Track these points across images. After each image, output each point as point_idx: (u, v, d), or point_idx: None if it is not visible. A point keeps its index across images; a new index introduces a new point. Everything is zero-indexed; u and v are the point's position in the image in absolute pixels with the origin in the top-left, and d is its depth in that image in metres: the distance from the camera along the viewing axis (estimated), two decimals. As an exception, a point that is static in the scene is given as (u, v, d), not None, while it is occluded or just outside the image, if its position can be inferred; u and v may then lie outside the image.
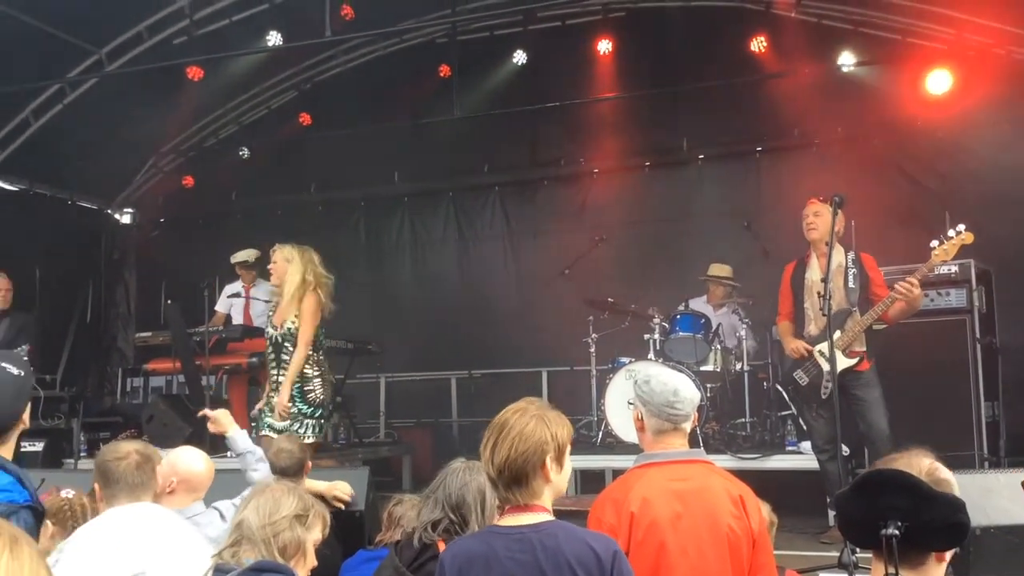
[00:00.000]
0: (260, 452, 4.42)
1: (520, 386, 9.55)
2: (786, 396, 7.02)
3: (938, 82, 8.21)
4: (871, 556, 2.05)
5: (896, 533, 1.89)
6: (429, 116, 9.90)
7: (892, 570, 1.89)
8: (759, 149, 9.62)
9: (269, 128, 11.09)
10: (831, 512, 5.99)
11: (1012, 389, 7.31)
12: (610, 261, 9.22)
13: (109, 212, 11.68)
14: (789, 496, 5.92)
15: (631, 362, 7.42)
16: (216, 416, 4.51)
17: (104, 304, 11.39)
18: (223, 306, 8.83)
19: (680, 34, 9.09)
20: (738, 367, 7.71)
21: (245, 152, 10.92)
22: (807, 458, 6.59)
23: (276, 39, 8.54)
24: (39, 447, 7.83)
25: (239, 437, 4.40)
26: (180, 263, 10.71)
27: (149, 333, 9.15)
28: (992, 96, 8.02)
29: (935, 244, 5.66)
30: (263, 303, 8.12)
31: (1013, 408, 7.25)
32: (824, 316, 5.54)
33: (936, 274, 6.33)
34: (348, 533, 4.42)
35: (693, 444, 3.15)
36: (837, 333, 5.84)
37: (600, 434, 7.63)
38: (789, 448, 7.14)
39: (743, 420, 7.71)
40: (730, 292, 8.27)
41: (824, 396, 5.95)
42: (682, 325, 7.53)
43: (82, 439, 8.23)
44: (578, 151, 10.36)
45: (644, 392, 3.01)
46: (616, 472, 6.26)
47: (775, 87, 9.00)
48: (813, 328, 6.16)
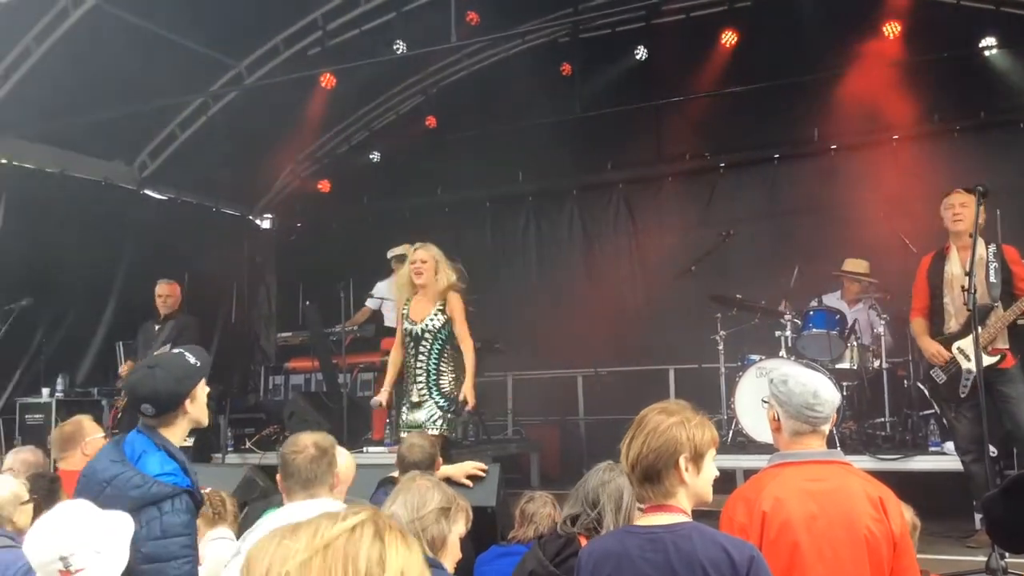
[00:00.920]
0: None
1: (646, 384, 9.50)
2: (927, 394, 6.74)
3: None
4: (1022, 562, 1.97)
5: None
6: (551, 115, 9.94)
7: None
8: (895, 137, 9.25)
9: (397, 132, 11.37)
10: (978, 515, 5.72)
11: None
12: (738, 257, 9.05)
13: (250, 218, 12.24)
14: (933, 498, 5.71)
15: (762, 360, 7.27)
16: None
17: (247, 306, 11.94)
18: (373, 303, 9.10)
19: (810, 21, 8.83)
20: (876, 364, 7.43)
21: (375, 156, 11.26)
22: (951, 459, 6.32)
23: (402, 48, 8.77)
24: (189, 442, 8.18)
25: None
26: (317, 265, 11.16)
27: (289, 333, 9.55)
28: None
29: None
30: None
31: None
32: (968, 311, 5.29)
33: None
34: (479, 529, 4.49)
35: (830, 444, 3.05)
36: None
37: (730, 433, 7.52)
38: (932, 448, 6.85)
39: (882, 419, 7.42)
40: (866, 287, 7.97)
41: (963, 395, 5.69)
42: (815, 321, 7.32)
43: (228, 435, 8.61)
44: (703, 145, 10.21)
45: (781, 393, 2.92)
46: (748, 472, 6.15)
47: (910, 73, 8.64)
48: (953, 324, 5.90)
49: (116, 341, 9.15)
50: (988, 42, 8.49)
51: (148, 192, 10.52)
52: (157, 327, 8.34)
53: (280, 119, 9.94)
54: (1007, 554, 4.20)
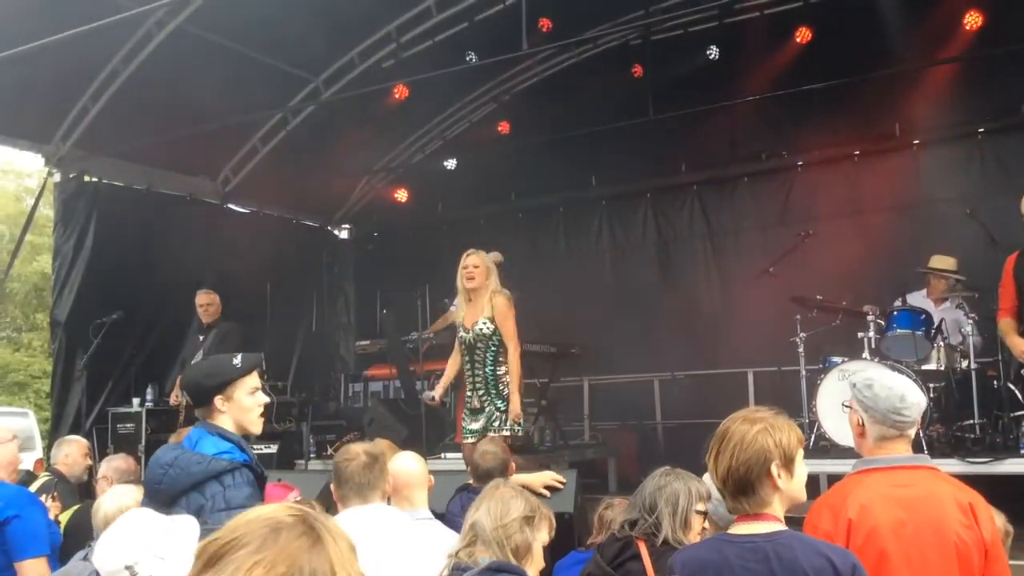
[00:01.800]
0: None
1: (724, 387, 9.38)
2: (1019, 395, 6.50)
3: None
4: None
5: None
6: (624, 118, 9.88)
7: None
8: (980, 131, 8.96)
9: (471, 141, 11.46)
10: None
11: None
12: (817, 257, 8.83)
13: (329, 228, 12.49)
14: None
15: (844, 362, 7.12)
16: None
17: (327, 315, 12.17)
18: (450, 306, 9.19)
19: (886, 15, 8.62)
20: (964, 365, 7.18)
21: (451, 164, 11.37)
22: (1046, 463, 6.09)
23: (473, 57, 8.85)
24: (273, 449, 8.42)
25: None
26: (394, 274, 11.31)
27: (367, 342, 9.69)
28: None
29: None
30: None
31: None
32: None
33: None
34: (557, 535, 4.51)
35: (916, 448, 2.97)
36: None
37: (813, 437, 7.36)
38: (1024, 452, 6.60)
39: (971, 422, 7.15)
40: (953, 285, 7.72)
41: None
42: (900, 322, 7.12)
43: (311, 441, 8.80)
44: (779, 144, 10.05)
45: (866, 397, 2.85)
46: (831, 477, 6.02)
47: (992, 64, 8.35)
48: (1043, 322, 5.68)
49: (202, 352, 9.43)
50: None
51: (231, 206, 10.83)
52: (201, 337, 8.60)
53: (356, 131, 10.13)
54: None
